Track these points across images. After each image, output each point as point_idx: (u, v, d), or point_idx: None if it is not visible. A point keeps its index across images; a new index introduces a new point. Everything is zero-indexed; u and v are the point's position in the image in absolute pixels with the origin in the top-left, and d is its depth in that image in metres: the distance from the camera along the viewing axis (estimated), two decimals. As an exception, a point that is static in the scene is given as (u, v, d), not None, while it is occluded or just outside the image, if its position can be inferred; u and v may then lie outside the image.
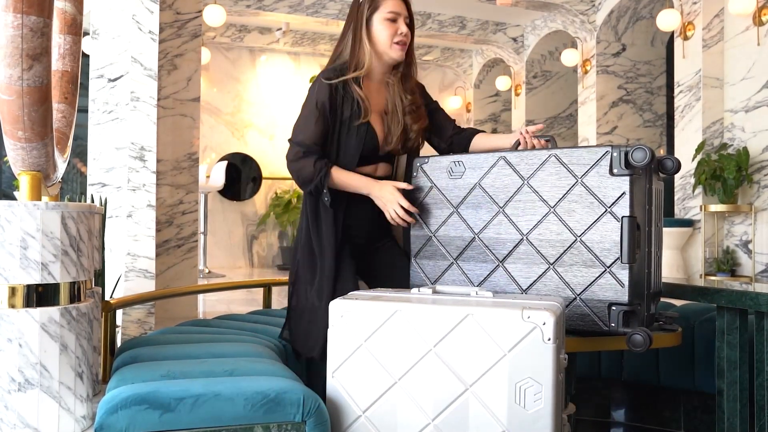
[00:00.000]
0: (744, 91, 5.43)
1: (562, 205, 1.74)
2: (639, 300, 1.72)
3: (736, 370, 2.24)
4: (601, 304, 1.68)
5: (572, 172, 1.73)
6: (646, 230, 1.76)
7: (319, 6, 7.17)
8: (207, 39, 7.55)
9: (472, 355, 1.37)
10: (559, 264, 1.74)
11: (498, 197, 1.84)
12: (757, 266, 5.28)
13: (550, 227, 1.75)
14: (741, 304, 2.10)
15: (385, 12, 2.00)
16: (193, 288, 3.21)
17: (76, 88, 2.12)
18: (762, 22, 5.29)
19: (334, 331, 1.49)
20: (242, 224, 8.05)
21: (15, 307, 1.49)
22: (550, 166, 1.77)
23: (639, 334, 1.63)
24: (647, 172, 1.77)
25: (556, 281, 1.74)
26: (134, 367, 1.69)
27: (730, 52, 5.57)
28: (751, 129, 5.37)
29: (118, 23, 3.17)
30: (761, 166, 5.29)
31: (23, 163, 1.57)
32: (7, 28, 1.36)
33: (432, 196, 1.96)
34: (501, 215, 1.83)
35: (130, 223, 3.03)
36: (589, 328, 1.71)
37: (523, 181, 1.80)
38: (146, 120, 3.13)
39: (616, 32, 6.98)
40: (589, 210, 1.70)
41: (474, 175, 1.88)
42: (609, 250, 1.68)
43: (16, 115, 1.46)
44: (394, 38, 1.99)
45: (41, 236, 1.50)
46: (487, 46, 8.51)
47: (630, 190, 1.66)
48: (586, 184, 1.71)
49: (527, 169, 1.80)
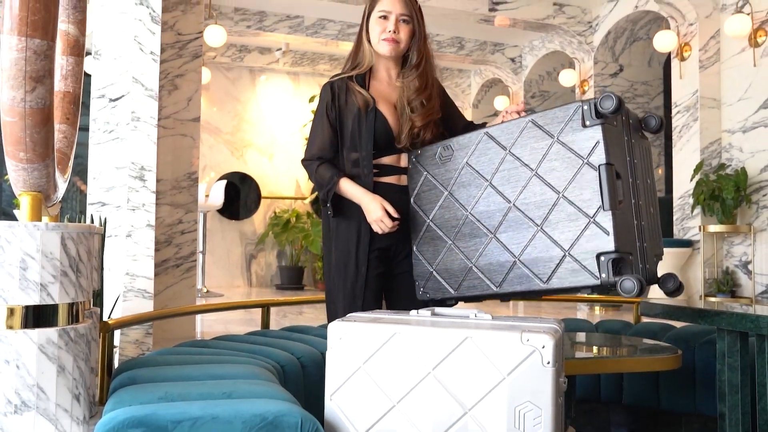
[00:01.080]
0: (741, 112, 5.47)
1: (543, 166, 1.75)
2: (629, 249, 1.69)
3: (737, 393, 2.23)
4: (590, 256, 1.65)
5: (549, 133, 1.75)
6: (629, 181, 1.75)
7: (318, 27, 7.23)
8: (207, 59, 7.60)
9: (471, 378, 1.36)
10: (547, 224, 1.73)
11: (484, 171, 1.86)
12: (757, 287, 5.27)
13: (534, 189, 1.76)
14: (741, 326, 2.10)
15: (377, 10, 2.07)
16: (192, 308, 3.21)
17: (78, 109, 2.14)
18: (758, 44, 5.34)
19: (332, 354, 1.48)
20: (241, 243, 8.05)
21: (13, 328, 1.49)
22: (528, 132, 1.79)
23: (630, 280, 1.58)
24: (625, 125, 1.77)
25: (545, 241, 1.73)
26: (131, 388, 1.68)
27: (727, 72, 5.61)
28: (749, 149, 5.40)
29: (119, 44, 3.20)
30: (760, 186, 5.30)
31: (24, 184, 1.58)
32: (11, 51, 1.38)
33: (426, 184, 1.99)
34: (489, 188, 1.85)
35: (129, 243, 3.03)
36: (582, 284, 1.67)
37: (505, 151, 1.82)
38: (146, 140, 3.14)
39: (613, 53, 7.04)
40: (568, 165, 1.70)
41: (462, 155, 1.91)
42: (590, 200, 1.66)
43: (18, 136, 1.47)
44: (381, 35, 2.05)
45: (41, 257, 1.50)
46: (486, 66, 8.58)
47: (603, 138, 1.66)
48: (562, 141, 1.72)
49: (508, 139, 1.82)
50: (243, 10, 6.91)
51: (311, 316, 4.78)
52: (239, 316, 4.57)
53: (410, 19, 2.07)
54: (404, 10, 2.06)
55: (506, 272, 1.80)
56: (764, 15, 5.28)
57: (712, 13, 5.65)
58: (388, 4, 2.05)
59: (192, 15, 3.64)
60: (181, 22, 3.61)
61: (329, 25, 7.26)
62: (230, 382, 1.70)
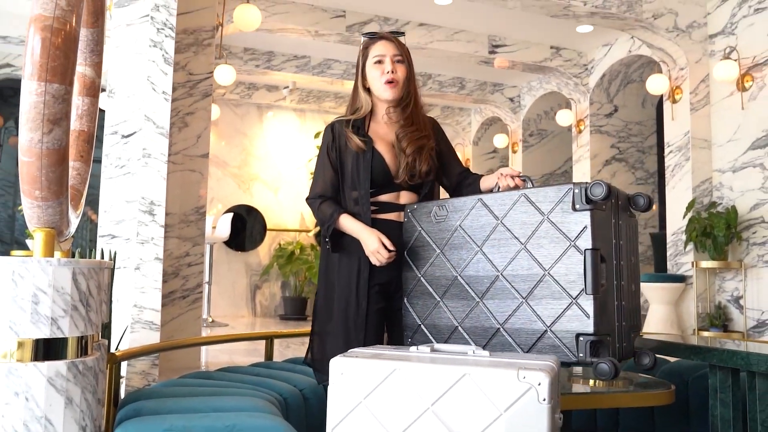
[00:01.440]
0: (731, 152, 5.51)
1: (532, 242, 1.77)
2: (608, 331, 1.71)
3: (729, 428, 2.21)
4: (570, 335, 1.68)
5: (539, 210, 1.77)
6: (614, 263, 1.77)
7: (324, 66, 7.34)
8: (217, 96, 7.70)
9: (469, 414, 1.36)
10: (531, 298, 1.75)
11: (476, 237, 1.88)
12: (749, 322, 5.25)
13: (521, 263, 1.78)
14: (732, 363, 2.09)
15: (372, 56, 2.10)
16: (197, 340, 3.19)
17: (92, 147, 2.16)
18: (745, 88, 5.40)
19: (333, 388, 1.48)
20: (246, 274, 8.04)
21: (23, 360, 1.49)
22: (521, 206, 1.81)
23: (605, 364, 1.62)
24: (613, 207, 1.79)
25: (529, 314, 1.75)
26: (137, 420, 1.67)
27: (717, 115, 5.67)
28: (738, 188, 5.42)
29: (133, 83, 3.25)
30: (749, 224, 5.31)
31: (38, 221, 1.60)
32: (31, 95, 1.41)
33: (419, 240, 2.00)
34: (479, 254, 1.86)
35: (137, 276, 3.04)
36: (561, 359, 1.69)
37: (497, 220, 1.84)
38: (156, 175, 3.17)
39: (608, 94, 7.12)
40: (555, 245, 1.72)
41: (456, 217, 1.93)
42: (574, 282, 1.68)
43: (34, 175, 1.49)
44: (381, 77, 2.07)
45: (52, 292, 1.51)
46: (485, 105, 8.67)
47: (591, 223, 1.68)
48: (552, 220, 1.74)
49: (501, 209, 1.84)
50: (252, 50, 7.03)
51: (313, 347, 4.74)
52: (243, 346, 4.55)
53: (403, 59, 2.11)
54: (397, 51, 2.10)
55: (489, 337, 1.82)
56: (750, 61, 5.36)
57: (701, 59, 5.73)
58: (382, 48, 2.09)
59: (203, 56, 3.70)
60: (193, 62, 3.66)
61: (335, 64, 7.38)
62: (233, 415, 1.69)
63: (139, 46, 3.25)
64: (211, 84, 3.73)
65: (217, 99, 7.70)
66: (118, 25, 3.27)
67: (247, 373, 2.47)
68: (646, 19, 5.53)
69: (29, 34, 1.42)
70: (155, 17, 3.24)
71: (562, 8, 5.33)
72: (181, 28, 3.54)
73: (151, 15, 3.24)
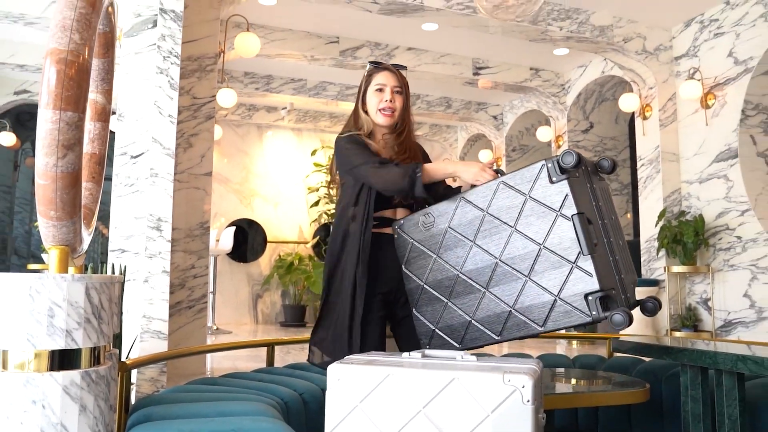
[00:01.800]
0: (697, 165, 5.56)
1: (521, 222, 1.76)
2: (611, 285, 1.70)
3: (700, 423, 2.23)
4: (578, 297, 1.66)
5: (520, 191, 1.77)
6: (599, 223, 1.76)
7: (320, 88, 7.37)
8: (219, 117, 7.71)
9: (458, 415, 1.36)
10: (533, 273, 1.73)
11: (467, 233, 1.86)
12: (716, 322, 5.28)
13: (516, 244, 1.77)
14: (702, 362, 2.10)
15: (374, 84, 2.12)
16: (202, 348, 3.18)
17: (103, 168, 2.16)
18: (708, 106, 5.47)
19: (331, 393, 1.48)
20: (248, 284, 8.02)
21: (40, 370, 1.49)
22: (501, 192, 1.80)
23: (619, 314, 1.61)
24: (585, 174, 1.79)
25: (535, 290, 1.73)
26: (147, 426, 1.66)
27: (684, 130, 5.73)
28: (705, 198, 5.47)
29: (141, 107, 3.26)
30: (715, 231, 5.36)
31: (53, 239, 1.59)
32: (47, 123, 1.41)
33: (414, 251, 1.98)
34: (475, 248, 1.85)
35: (146, 288, 3.03)
36: (576, 322, 1.68)
37: (483, 212, 1.83)
38: (163, 193, 3.17)
39: (584, 112, 7.18)
40: (543, 219, 1.72)
41: (442, 221, 1.92)
42: (569, 248, 1.67)
43: (50, 197, 1.49)
44: (379, 105, 2.09)
45: (67, 305, 1.51)
46: (471, 123, 8.72)
47: (571, 190, 1.68)
48: (534, 198, 1.74)
49: (484, 201, 1.84)
50: (252, 74, 7.05)
51: (312, 352, 4.73)
52: (246, 353, 4.53)
53: (402, 91, 2.14)
54: (397, 83, 2.13)
55: (504, 322, 1.79)
56: (712, 81, 5.43)
57: (668, 79, 5.80)
58: (384, 78, 2.12)
59: (206, 81, 3.71)
60: (197, 87, 3.68)
61: (329, 87, 7.40)
62: (237, 419, 1.69)
63: (147, 73, 3.26)
64: (213, 107, 3.75)
65: (219, 120, 7.71)
66: (128, 53, 3.28)
67: (249, 378, 2.46)
68: (617, 42, 5.59)
69: (45, 66, 1.43)
70: (161, 46, 3.26)
71: (540, 33, 5.38)
72: (185, 56, 3.56)
73: (158, 44, 3.25)
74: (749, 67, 5.12)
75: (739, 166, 5.16)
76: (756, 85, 5.13)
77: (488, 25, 5.25)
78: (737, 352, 1.98)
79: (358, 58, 6.19)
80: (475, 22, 5.17)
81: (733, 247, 5.21)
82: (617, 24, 5.59)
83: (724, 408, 2.11)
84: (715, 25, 5.43)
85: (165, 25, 3.27)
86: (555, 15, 5.29)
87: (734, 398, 2.09)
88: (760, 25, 5.06)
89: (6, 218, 7.90)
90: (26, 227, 7.92)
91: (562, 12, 5.33)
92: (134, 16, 3.29)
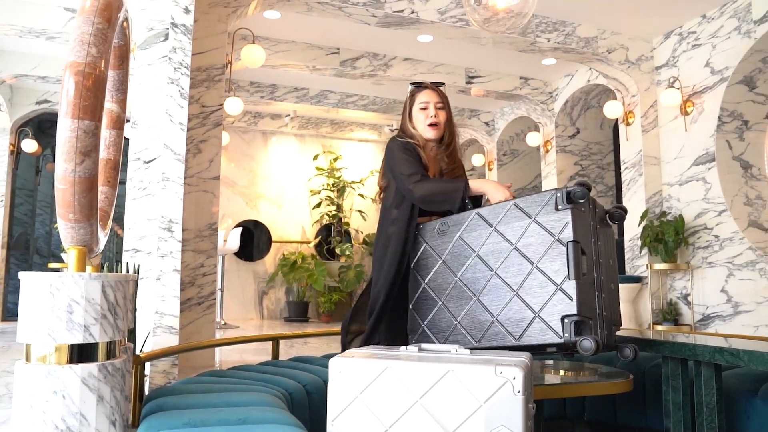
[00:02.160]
0: (677, 168, 5.58)
1: (522, 241, 1.79)
2: (590, 314, 1.71)
3: (680, 410, 2.24)
4: (556, 318, 1.68)
5: (527, 214, 1.79)
6: (593, 258, 1.78)
7: (321, 97, 7.37)
8: (227, 124, 7.71)
9: (452, 406, 1.37)
10: (522, 290, 1.76)
11: (474, 244, 1.89)
12: (696, 316, 5.29)
13: (512, 260, 1.79)
14: (682, 354, 2.11)
15: (418, 102, 2.19)
16: (211, 342, 3.18)
17: (118, 173, 2.17)
18: (687, 112, 5.48)
19: (333, 385, 1.49)
20: (254, 281, 8.01)
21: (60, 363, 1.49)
22: (512, 213, 1.83)
23: (588, 340, 1.61)
24: (591, 212, 1.81)
25: (520, 305, 1.75)
26: (160, 415, 1.67)
27: (664, 135, 5.74)
28: (685, 199, 5.49)
29: (153, 115, 3.26)
30: (694, 230, 5.37)
31: (72, 240, 1.60)
32: (66, 131, 1.42)
33: (425, 253, 2.01)
34: (476, 258, 1.87)
35: (158, 286, 3.03)
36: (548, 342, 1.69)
37: (491, 228, 1.86)
38: (174, 197, 3.17)
39: (571, 118, 7.19)
40: (542, 241, 1.75)
41: (455, 230, 1.95)
42: (558, 271, 1.70)
43: (68, 200, 1.50)
44: (426, 121, 2.16)
45: (84, 302, 1.52)
46: (464, 128, 8.72)
47: (572, 220, 1.71)
48: (538, 221, 1.77)
49: (494, 218, 1.87)
50: (257, 84, 7.05)
51: (315, 346, 4.74)
52: (253, 346, 4.53)
53: (444, 106, 2.19)
54: (439, 99, 2.19)
55: (485, 330, 1.82)
56: (691, 89, 5.45)
57: (650, 87, 5.81)
58: (427, 96, 2.19)
59: (214, 90, 3.72)
60: (205, 96, 3.68)
61: (330, 95, 7.41)
62: (245, 409, 1.69)
63: (159, 83, 3.27)
64: (221, 114, 3.75)
65: (226, 127, 7.71)
66: (141, 65, 3.28)
67: (256, 371, 2.46)
68: (602, 53, 5.60)
69: (65, 78, 1.44)
70: (173, 58, 3.26)
71: (529, 44, 5.39)
72: (195, 67, 3.56)
73: (169, 56, 3.25)
74: (725, 76, 5.14)
75: (716, 170, 5.18)
76: (731, 93, 5.15)
77: (480, 36, 5.26)
78: (715, 345, 1.99)
79: (357, 68, 6.20)
80: (467, 34, 5.18)
81: (711, 245, 5.22)
82: (601, 36, 5.61)
83: (703, 397, 2.12)
84: (692, 37, 5.45)
85: (176, 38, 3.27)
86: (543, 27, 5.31)
87: (712, 387, 2.11)
88: (734, 37, 5.08)
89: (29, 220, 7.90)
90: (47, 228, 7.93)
91: (550, 24, 5.35)
92: (147, 30, 3.29)
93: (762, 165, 5.26)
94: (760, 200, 5.20)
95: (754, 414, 2.25)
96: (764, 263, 4.81)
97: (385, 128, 8.69)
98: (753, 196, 5.20)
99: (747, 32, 4.97)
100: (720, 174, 5.16)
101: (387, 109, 7.75)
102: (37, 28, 4.84)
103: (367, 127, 8.64)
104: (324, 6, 4.53)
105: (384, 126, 8.66)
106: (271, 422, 1.56)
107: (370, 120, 8.44)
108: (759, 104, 5.21)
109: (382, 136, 8.81)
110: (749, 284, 4.91)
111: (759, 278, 4.84)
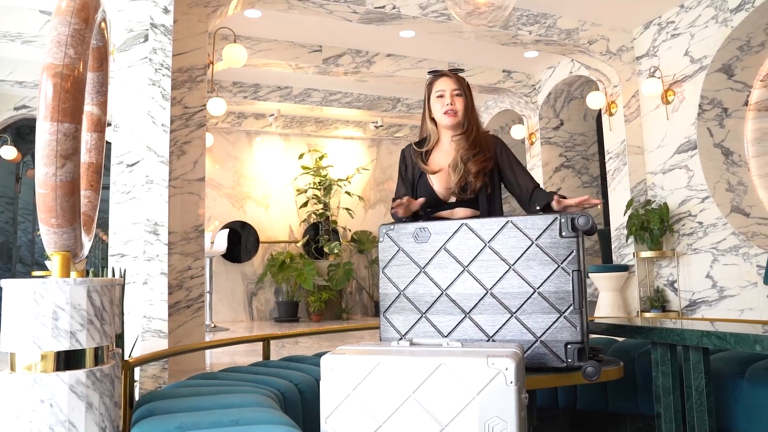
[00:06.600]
0: (660, 157, 5.63)
1: (520, 263, 1.79)
2: (586, 337, 1.77)
3: (670, 395, 2.26)
4: (559, 344, 1.72)
5: (527, 236, 1.79)
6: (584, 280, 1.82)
7: (305, 95, 7.34)
8: (210, 125, 7.65)
9: (446, 399, 1.37)
10: (521, 312, 1.77)
11: (462, 258, 1.86)
12: (682, 302, 5.35)
13: (511, 282, 1.79)
14: (670, 339, 2.13)
15: (435, 91, 2.19)
16: (201, 345, 3.16)
17: (100, 177, 2.14)
18: (668, 101, 5.53)
19: (325, 382, 1.48)
20: (243, 283, 7.97)
21: (46, 371, 1.47)
22: (508, 230, 1.82)
23: (592, 367, 1.69)
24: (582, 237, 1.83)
25: (518, 327, 1.77)
26: (151, 420, 1.65)
27: (647, 125, 5.79)
28: (668, 187, 5.54)
29: (135, 118, 3.22)
30: (679, 218, 5.43)
31: (55, 246, 1.57)
32: (45, 134, 1.39)
33: (400, 258, 1.95)
34: (466, 273, 1.85)
35: (145, 290, 3.00)
36: (549, 365, 1.73)
37: (484, 243, 1.84)
38: (159, 199, 3.14)
39: (554, 110, 7.23)
40: (544, 266, 1.76)
41: (439, 239, 1.90)
42: (563, 299, 1.73)
43: (50, 205, 1.47)
44: (442, 109, 2.16)
45: (70, 308, 1.49)
46: (447, 124, 8.71)
47: (577, 249, 1.73)
48: (540, 245, 1.77)
49: (487, 234, 1.84)
50: (240, 84, 7.00)
51: (306, 346, 4.73)
52: (243, 348, 4.50)
53: (461, 93, 2.17)
54: (456, 86, 2.17)
55: None
56: (671, 78, 5.49)
57: (631, 77, 5.86)
58: (443, 84, 2.18)
59: (197, 91, 3.68)
60: (188, 97, 3.64)
61: (314, 93, 7.37)
62: (237, 411, 1.67)
63: (140, 85, 3.23)
64: (204, 115, 3.72)
65: (210, 128, 7.65)
66: (121, 67, 3.24)
67: (247, 372, 2.44)
68: (583, 44, 5.63)
69: (42, 80, 1.41)
70: (153, 59, 3.22)
71: (510, 37, 5.41)
72: (176, 68, 3.52)
73: (150, 57, 3.22)
74: (704, 65, 5.19)
75: (698, 157, 5.23)
76: (710, 81, 5.20)
77: (462, 30, 5.26)
78: (702, 329, 2.00)
79: (340, 65, 6.18)
80: (449, 29, 5.18)
81: (696, 232, 5.28)
82: (582, 27, 5.63)
83: (692, 380, 2.14)
84: (671, 27, 5.50)
85: (156, 39, 3.23)
86: (524, 20, 5.32)
87: (700, 371, 2.13)
88: (712, 26, 5.12)
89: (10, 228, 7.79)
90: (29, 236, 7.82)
91: (531, 17, 5.36)
92: (126, 31, 3.25)
93: (742, 151, 5.32)
94: (741, 186, 5.26)
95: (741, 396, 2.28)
96: (747, 248, 4.87)
97: (370, 125, 8.66)
98: (734, 182, 5.26)
99: (724, 21, 5.02)
100: (702, 161, 5.22)
101: (371, 106, 7.73)
102: (13, 32, 4.76)
103: (352, 125, 8.61)
104: (305, 4, 4.51)
105: (369, 123, 8.63)
106: (263, 423, 1.55)
107: (354, 117, 8.42)
108: (737, 92, 5.27)
109: (367, 133, 8.79)
110: (733, 269, 4.97)
111: (742, 263, 4.90)
